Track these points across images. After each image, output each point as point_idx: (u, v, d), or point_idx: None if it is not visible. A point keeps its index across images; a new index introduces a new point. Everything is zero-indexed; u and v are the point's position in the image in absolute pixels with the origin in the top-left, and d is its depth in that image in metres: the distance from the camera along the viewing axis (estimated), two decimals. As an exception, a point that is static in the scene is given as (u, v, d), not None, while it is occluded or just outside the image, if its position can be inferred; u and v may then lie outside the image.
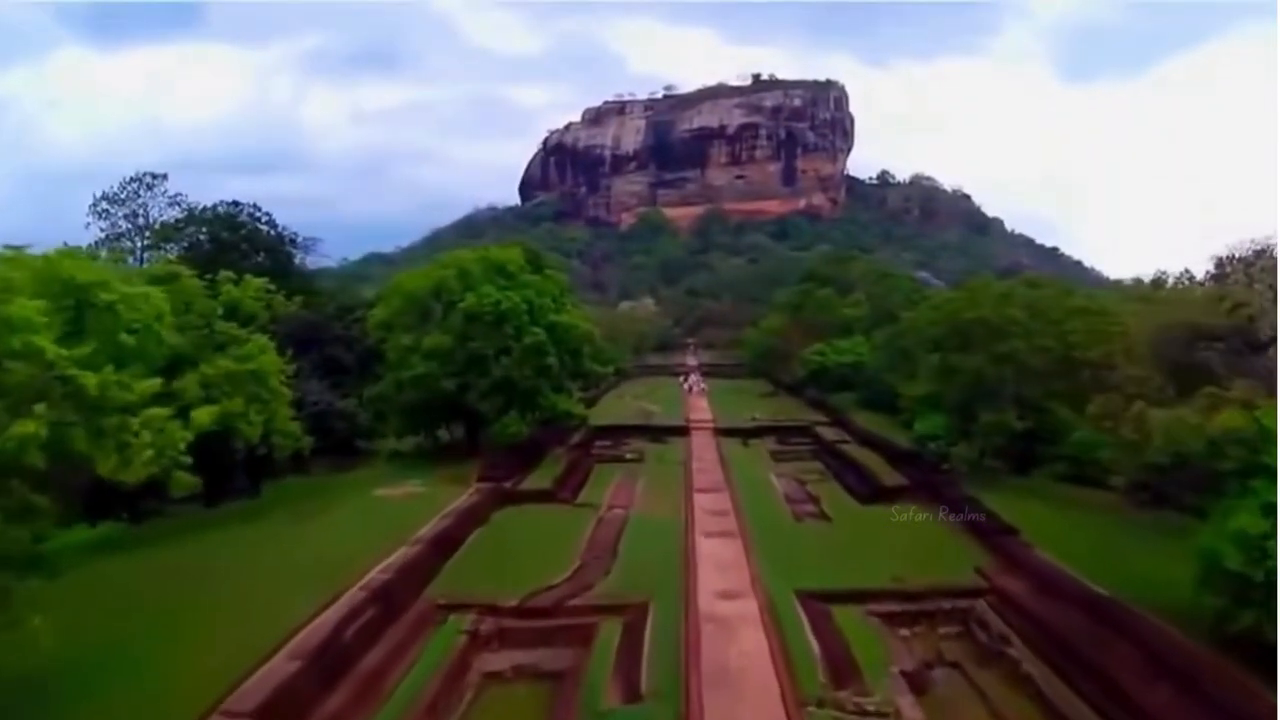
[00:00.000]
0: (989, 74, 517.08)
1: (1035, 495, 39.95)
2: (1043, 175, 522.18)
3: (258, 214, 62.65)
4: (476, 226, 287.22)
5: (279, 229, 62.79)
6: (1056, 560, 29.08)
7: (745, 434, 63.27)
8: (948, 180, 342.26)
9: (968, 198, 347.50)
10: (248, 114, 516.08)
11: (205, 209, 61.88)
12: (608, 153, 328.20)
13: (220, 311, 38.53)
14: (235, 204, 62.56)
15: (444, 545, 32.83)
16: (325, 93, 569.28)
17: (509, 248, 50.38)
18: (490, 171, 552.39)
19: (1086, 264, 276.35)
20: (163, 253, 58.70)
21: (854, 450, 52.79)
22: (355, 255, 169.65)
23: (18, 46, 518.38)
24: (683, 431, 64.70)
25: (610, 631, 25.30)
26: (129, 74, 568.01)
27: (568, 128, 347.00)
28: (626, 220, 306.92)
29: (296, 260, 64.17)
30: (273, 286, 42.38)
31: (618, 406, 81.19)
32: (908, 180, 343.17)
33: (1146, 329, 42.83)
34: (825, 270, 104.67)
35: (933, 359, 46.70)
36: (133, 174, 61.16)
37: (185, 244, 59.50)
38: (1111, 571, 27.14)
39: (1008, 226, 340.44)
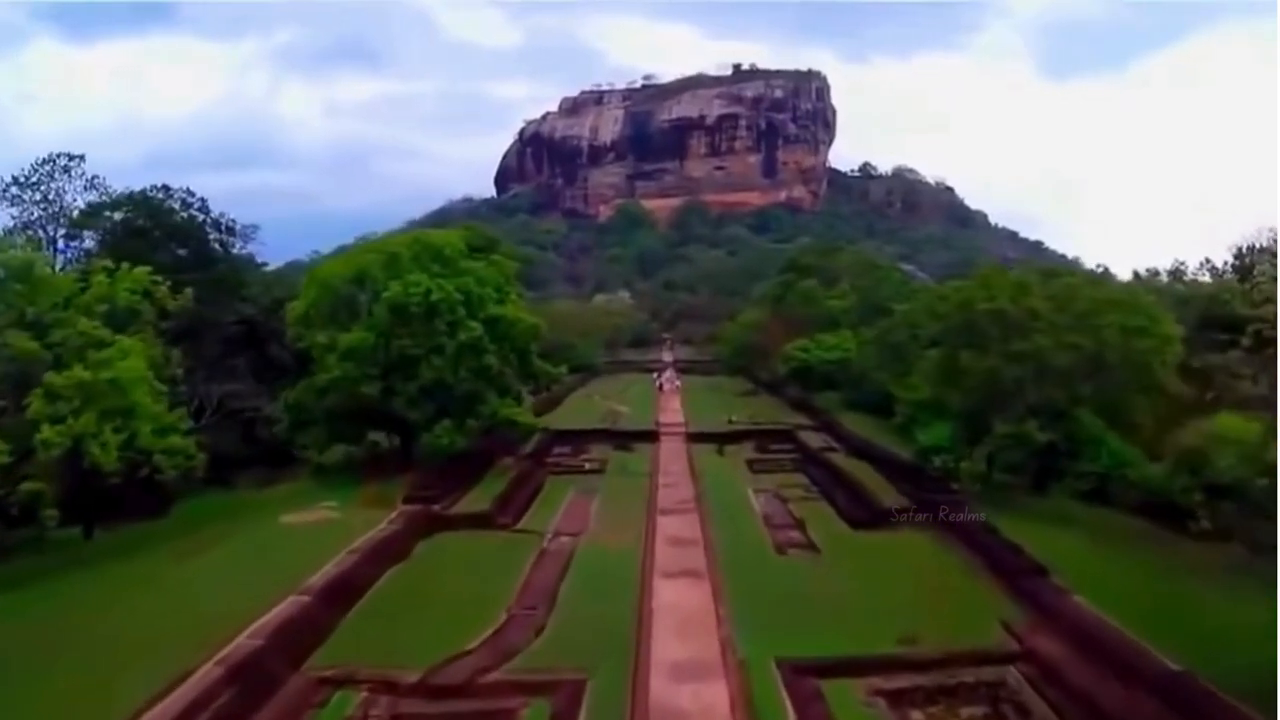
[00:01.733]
0: (971, 71, 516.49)
1: (1061, 520, 33.81)
2: (1026, 171, 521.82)
3: (191, 200, 55.89)
4: (451, 219, 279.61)
5: (210, 215, 56.01)
6: (1102, 613, 22.94)
7: (720, 439, 56.82)
8: (930, 174, 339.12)
9: (950, 191, 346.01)
10: (224, 109, 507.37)
11: (126, 194, 55.10)
12: (585, 144, 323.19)
13: (103, 308, 32.10)
14: (165, 189, 55.72)
15: (343, 593, 26.50)
16: (302, 87, 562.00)
17: (450, 231, 43.43)
18: (469, 166, 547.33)
19: (1071, 258, 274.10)
20: (81, 242, 52.70)
21: (843, 461, 46.51)
22: (329, 249, 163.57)
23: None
24: (652, 437, 58.19)
25: (535, 718, 19.08)
26: (104, 69, 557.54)
27: (544, 118, 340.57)
28: (604, 212, 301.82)
29: (236, 250, 57.37)
30: (160, 278, 35.64)
31: (583, 408, 74.48)
32: (890, 173, 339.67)
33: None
34: (808, 261, 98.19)
35: (935, 358, 40.60)
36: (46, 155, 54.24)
37: (102, 232, 53.07)
38: (1179, 631, 21.08)
39: (991, 220, 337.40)
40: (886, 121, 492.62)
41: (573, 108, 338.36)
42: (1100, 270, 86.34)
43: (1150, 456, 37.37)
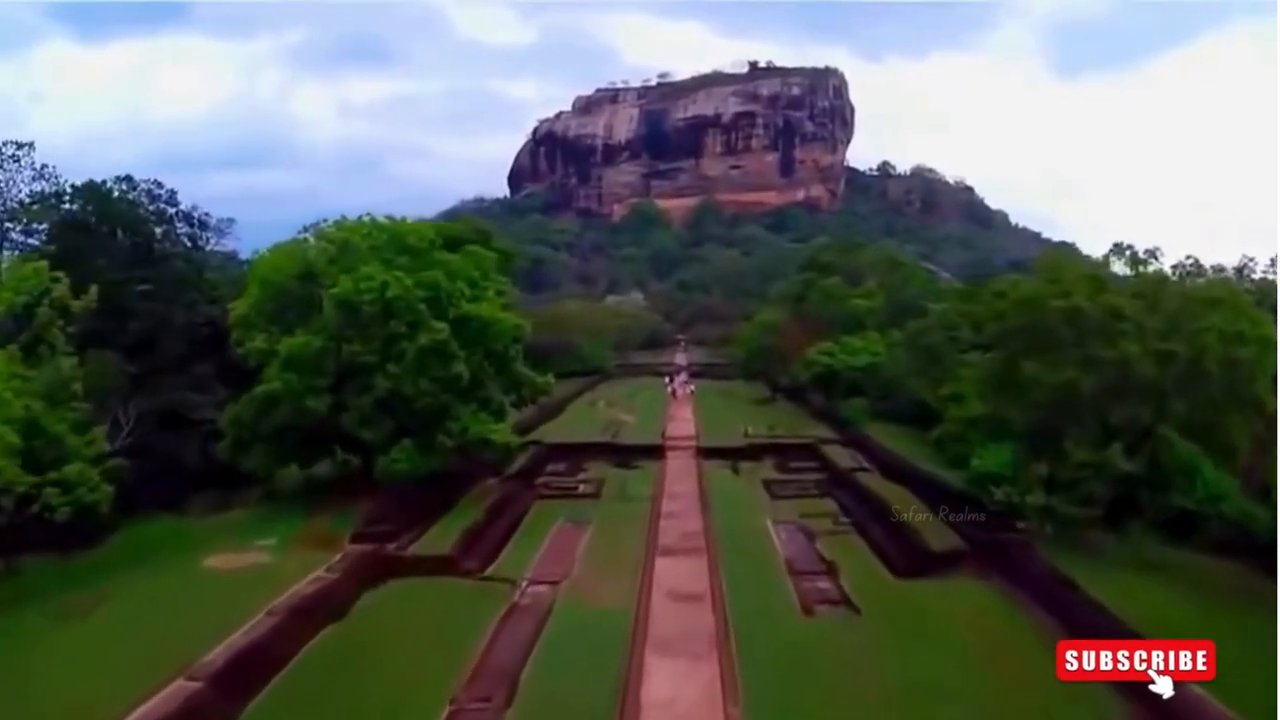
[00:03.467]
0: (984, 70, 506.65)
1: (1150, 568, 27.31)
2: (1039, 170, 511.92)
3: (158, 191, 50.13)
4: (462, 219, 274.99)
5: (179, 208, 50.24)
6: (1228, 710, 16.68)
7: (735, 455, 50.38)
8: (949, 173, 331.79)
9: (970, 190, 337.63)
10: (234, 108, 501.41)
11: (74, 185, 49.57)
12: (599, 142, 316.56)
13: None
14: (128, 179, 50.02)
15: (247, 674, 20.60)
16: (313, 87, 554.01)
17: (425, 224, 37.19)
18: (482, 165, 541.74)
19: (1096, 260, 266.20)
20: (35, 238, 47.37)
21: (877, 484, 39.96)
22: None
23: (1, 40, 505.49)
24: (658, 452, 51.84)
25: None
26: (114, 68, 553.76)
27: (558, 116, 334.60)
28: (618, 211, 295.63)
29: (211, 245, 51.51)
30: (59, 275, 29.88)
31: (586, 416, 67.98)
32: (908, 172, 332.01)
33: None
34: (829, 258, 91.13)
35: (991, 366, 34.13)
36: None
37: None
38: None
39: (1012, 220, 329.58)
40: (900, 120, 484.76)
41: (586, 106, 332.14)
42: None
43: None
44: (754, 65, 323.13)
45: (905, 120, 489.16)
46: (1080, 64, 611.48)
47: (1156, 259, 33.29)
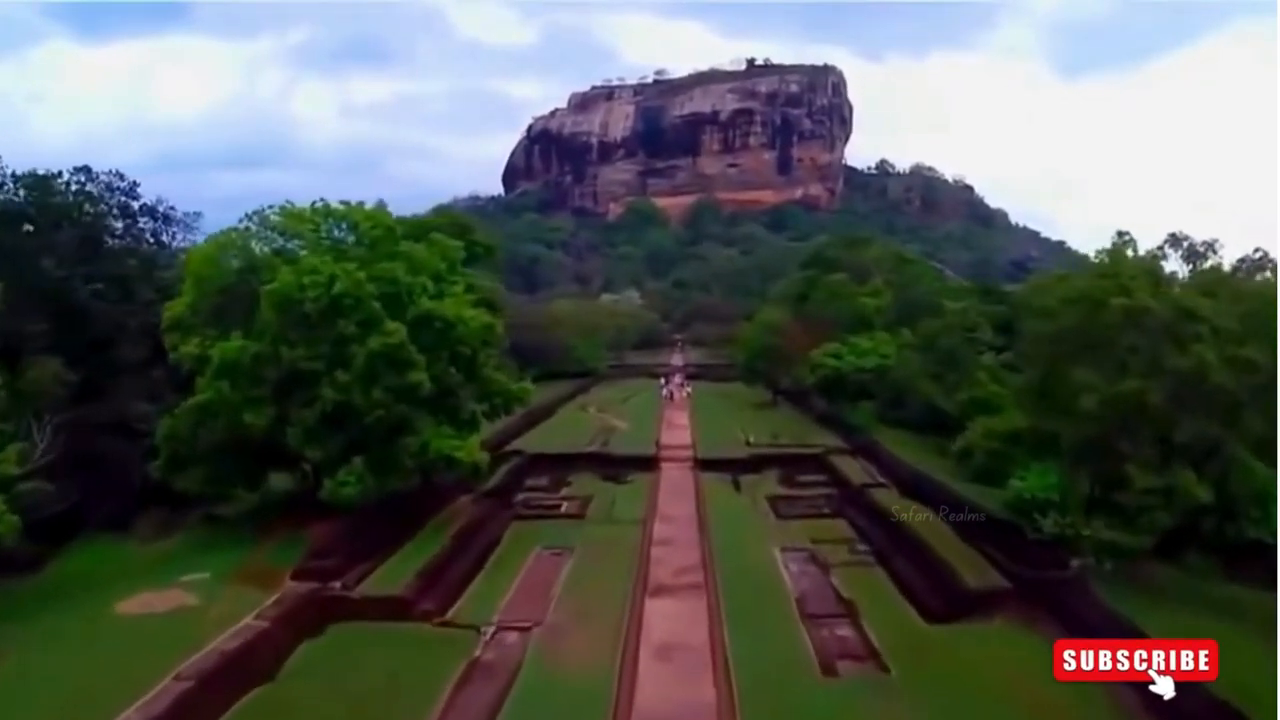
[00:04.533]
0: (984, 69, 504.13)
1: (1238, 615, 22.97)
2: (1038, 170, 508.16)
3: (119, 183, 45.70)
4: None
5: (142, 201, 45.82)
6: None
7: (736, 467, 46.08)
8: (948, 172, 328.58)
9: (970, 189, 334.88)
10: (236, 108, 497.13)
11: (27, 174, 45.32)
12: (595, 140, 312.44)
13: None
14: (86, 170, 45.58)
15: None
16: (314, 86, 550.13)
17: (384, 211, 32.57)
18: (482, 165, 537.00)
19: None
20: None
21: (895, 503, 35.67)
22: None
23: (1, 40, 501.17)
24: (651, 464, 47.52)
25: None
26: (115, 68, 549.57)
27: (553, 114, 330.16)
28: (614, 210, 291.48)
29: (179, 241, 47.11)
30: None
31: (575, 421, 63.61)
32: (908, 170, 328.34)
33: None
34: (834, 254, 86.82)
35: (1033, 373, 29.93)
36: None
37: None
38: None
39: (1012, 220, 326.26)
40: (899, 120, 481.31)
41: (582, 103, 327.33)
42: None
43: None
44: (751, 62, 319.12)
45: (904, 119, 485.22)
46: (1081, 64, 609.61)
47: (1215, 252, 29.11)
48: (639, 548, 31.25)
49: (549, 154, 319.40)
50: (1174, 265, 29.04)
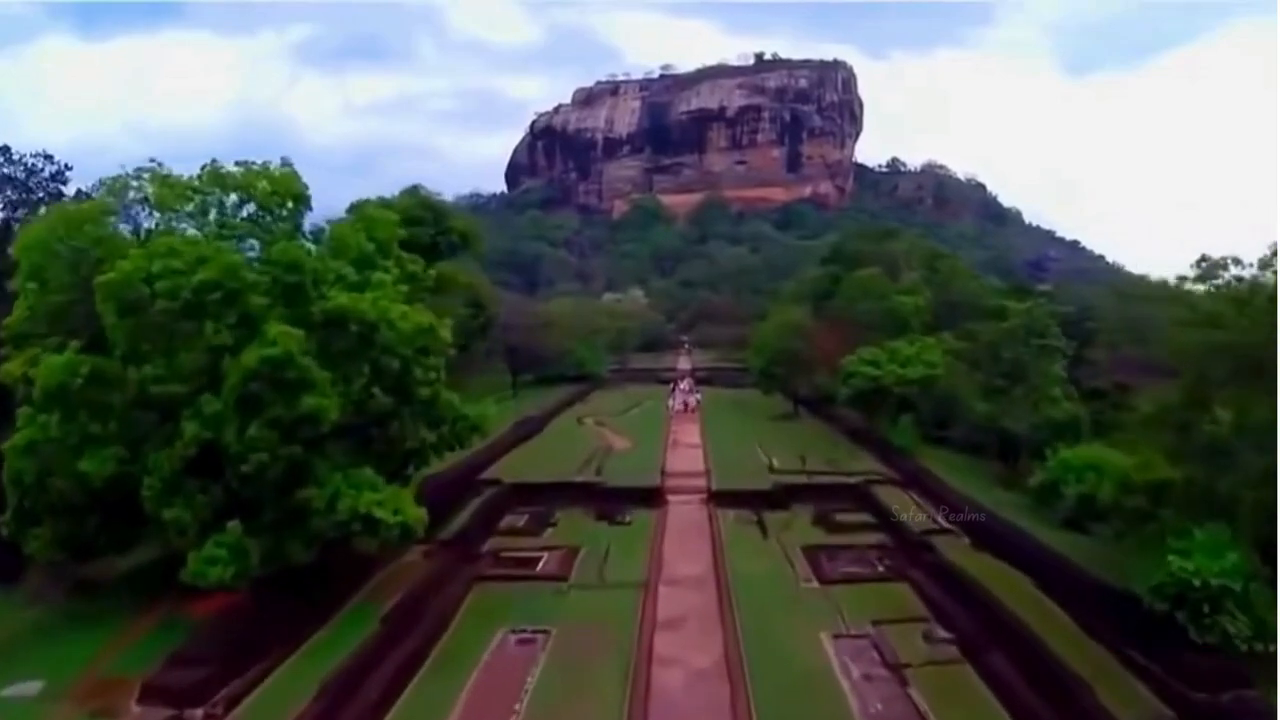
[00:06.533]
0: (990, 67, 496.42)
1: None
2: (1043, 169, 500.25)
3: (48, 165, 38.27)
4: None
5: (57, 182, 38.17)
6: None
7: (760, 501, 37.55)
8: (960, 170, 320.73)
9: (982, 187, 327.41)
10: (236, 106, 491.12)
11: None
12: (600, 136, 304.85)
13: None
14: (5, 149, 38.06)
15: None
16: (315, 85, 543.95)
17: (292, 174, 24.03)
18: (488, 164, 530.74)
19: (1112, 261, 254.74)
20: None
21: (969, 557, 27.24)
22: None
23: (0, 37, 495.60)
24: (655, 497, 38.99)
25: None
26: (114, 65, 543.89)
27: (557, 110, 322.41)
28: (619, 208, 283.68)
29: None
30: None
31: (568, 438, 54.89)
32: (919, 168, 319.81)
33: None
34: (858, 248, 78.20)
35: (1168, 397, 21.50)
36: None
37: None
38: None
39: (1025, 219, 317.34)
40: (906, 118, 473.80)
41: (587, 99, 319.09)
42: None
43: None
44: (759, 57, 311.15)
45: (911, 118, 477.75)
46: (1087, 61, 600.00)
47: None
48: (637, 636, 22.69)
49: (553, 150, 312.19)
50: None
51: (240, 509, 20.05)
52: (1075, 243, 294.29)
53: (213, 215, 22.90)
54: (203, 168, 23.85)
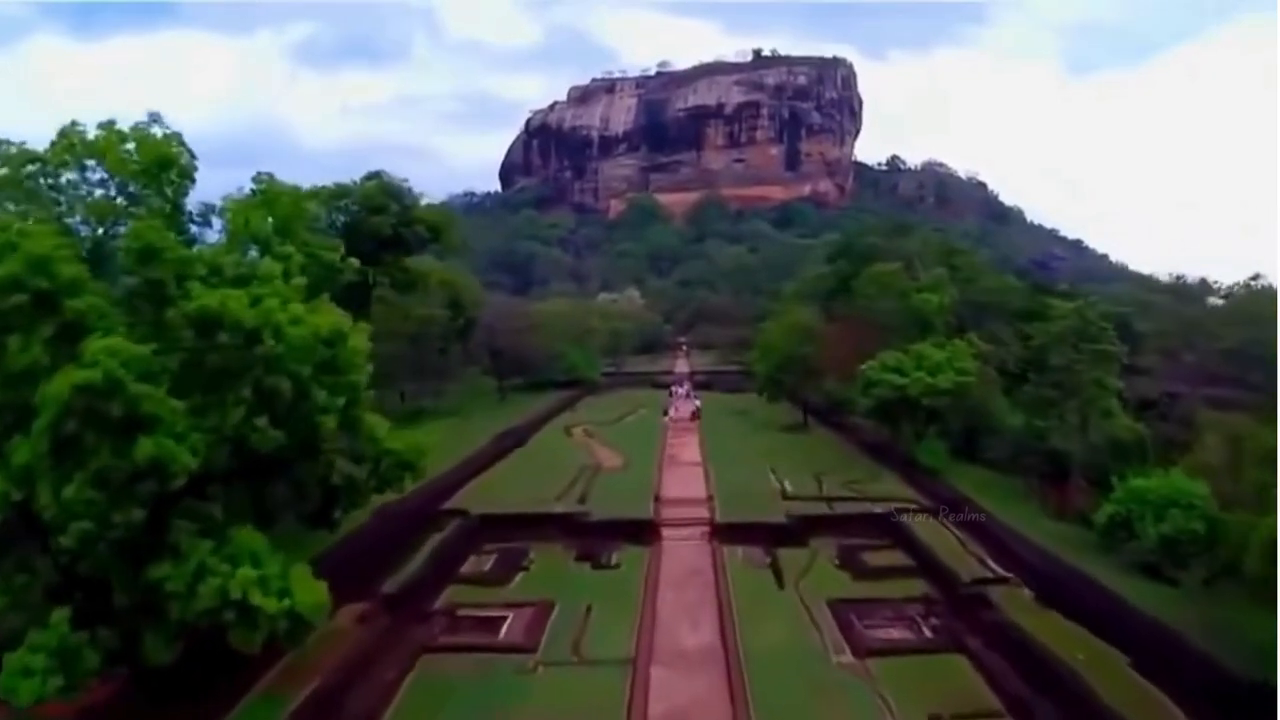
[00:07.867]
0: (990, 67, 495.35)
1: None
2: (1044, 168, 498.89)
3: None
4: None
5: None
6: None
7: (773, 535, 31.87)
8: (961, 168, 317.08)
9: (984, 186, 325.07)
10: (232, 106, 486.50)
11: None
12: (595, 134, 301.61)
13: None
14: None
15: None
16: (312, 85, 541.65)
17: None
18: (482, 165, 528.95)
19: (1116, 261, 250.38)
20: None
21: (1037, 616, 21.75)
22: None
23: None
24: (648, 532, 33.19)
25: None
26: (108, 65, 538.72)
27: (552, 108, 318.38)
28: (615, 207, 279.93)
29: None
30: None
31: (552, 453, 49.11)
32: (919, 166, 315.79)
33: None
34: (869, 243, 72.46)
35: None
36: None
37: None
38: None
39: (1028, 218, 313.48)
40: (905, 118, 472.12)
41: (582, 96, 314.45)
42: None
43: None
44: (758, 54, 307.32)
45: (911, 118, 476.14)
46: (1087, 60, 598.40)
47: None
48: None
49: (548, 149, 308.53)
50: None
51: (83, 589, 14.36)
52: (1078, 242, 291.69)
53: (65, 195, 17.33)
54: (59, 133, 18.23)
